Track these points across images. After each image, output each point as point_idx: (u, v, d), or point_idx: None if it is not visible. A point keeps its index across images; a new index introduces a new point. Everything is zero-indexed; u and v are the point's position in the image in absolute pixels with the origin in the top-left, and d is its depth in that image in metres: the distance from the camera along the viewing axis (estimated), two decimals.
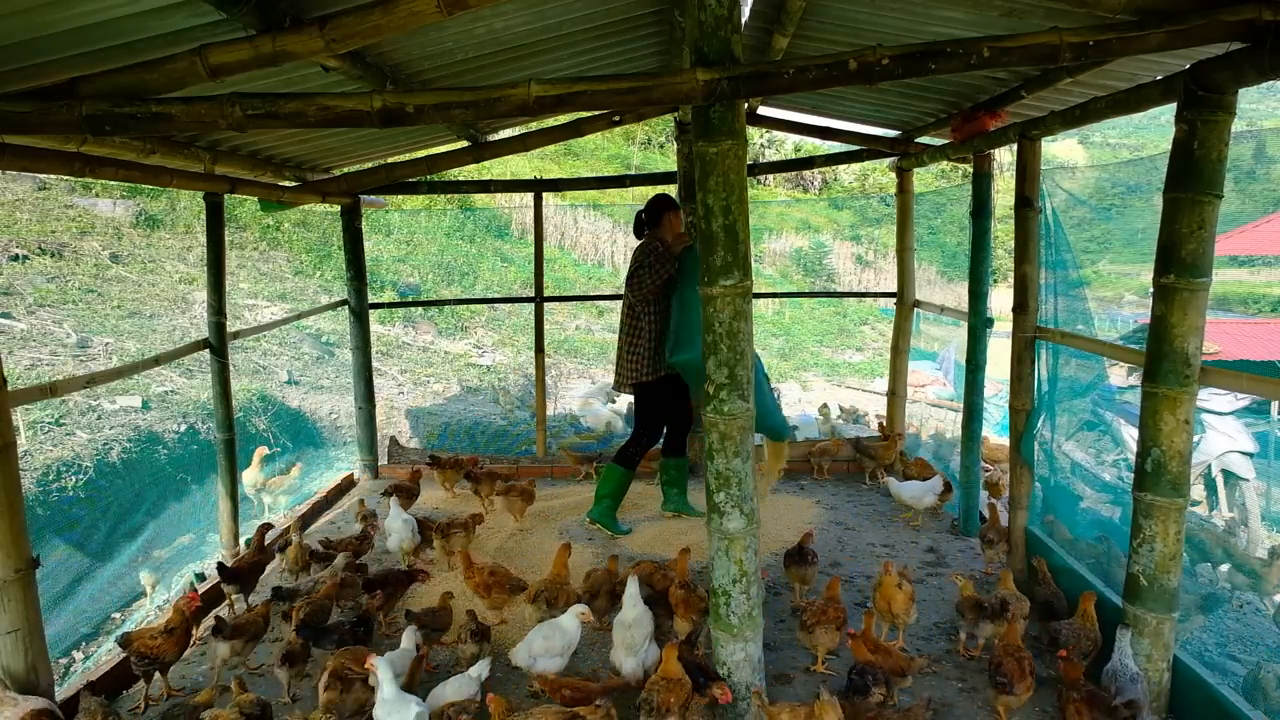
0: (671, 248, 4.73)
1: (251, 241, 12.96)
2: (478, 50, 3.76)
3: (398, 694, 2.72)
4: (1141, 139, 31.58)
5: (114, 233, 11.42)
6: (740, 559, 2.83)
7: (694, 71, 2.53)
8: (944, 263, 17.03)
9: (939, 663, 3.42)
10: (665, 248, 4.72)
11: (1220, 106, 2.72)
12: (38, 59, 2.42)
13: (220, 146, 4.11)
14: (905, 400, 6.44)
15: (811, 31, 3.96)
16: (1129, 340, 7.14)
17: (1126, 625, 3.01)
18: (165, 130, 2.93)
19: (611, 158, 21.11)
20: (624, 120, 5.44)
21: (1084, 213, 5.15)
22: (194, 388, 8.00)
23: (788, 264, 19.28)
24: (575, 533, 4.97)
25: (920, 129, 5.39)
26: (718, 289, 2.72)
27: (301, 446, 7.83)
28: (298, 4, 2.47)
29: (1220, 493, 6.39)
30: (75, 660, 4.79)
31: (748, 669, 2.90)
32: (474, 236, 15.88)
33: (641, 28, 4.21)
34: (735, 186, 2.68)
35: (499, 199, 15.98)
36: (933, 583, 4.22)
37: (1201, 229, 2.79)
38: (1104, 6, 2.55)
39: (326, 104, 2.55)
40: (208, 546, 5.56)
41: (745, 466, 2.80)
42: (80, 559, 5.40)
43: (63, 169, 3.09)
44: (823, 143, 6.30)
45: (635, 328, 4.78)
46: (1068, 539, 4.15)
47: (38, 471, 5.88)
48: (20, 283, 9.23)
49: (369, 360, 6.25)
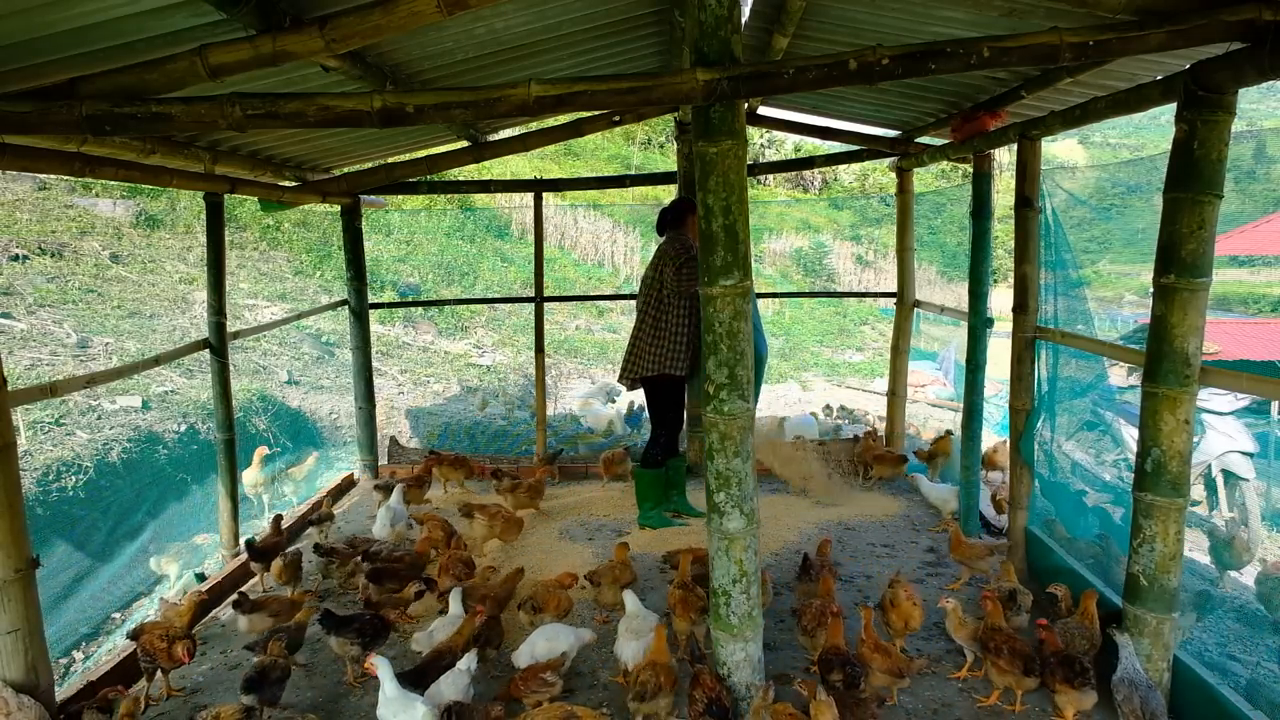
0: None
1: (251, 241, 12.96)
2: (478, 50, 3.76)
3: (400, 693, 2.73)
4: (1141, 139, 31.57)
5: (114, 233, 11.42)
6: (740, 559, 2.83)
7: (694, 71, 2.53)
8: (944, 263, 17.04)
9: (939, 662, 3.43)
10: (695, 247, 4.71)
11: (1220, 106, 2.72)
12: (38, 59, 2.42)
13: (220, 146, 4.11)
14: (905, 400, 6.44)
15: (811, 31, 3.96)
16: (1129, 340, 7.14)
17: (1123, 629, 2.99)
18: (165, 130, 2.93)
19: (611, 158, 21.11)
20: (624, 120, 5.44)
21: (1084, 213, 5.15)
22: (194, 388, 8.00)
23: (788, 264, 19.28)
24: (575, 533, 4.97)
25: (920, 129, 5.39)
26: (718, 289, 2.71)
27: (301, 446, 7.83)
28: (298, 4, 2.47)
29: (1220, 493, 6.38)
30: (75, 660, 4.79)
31: (748, 669, 2.90)
32: (474, 236, 15.89)
33: (641, 28, 4.21)
34: (735, 186, 2.67)
35: (499, 199, 15.98)
36: (933, 583, 4.22)
37: (1201, 229, 2.79)
38: (1104, 6, 2.55)
39: (326, 104, 2.55)
40: (208, 546, 5.56)
41: (745, 466, 2.81)
42: (80, 559, 5.40)
43: (63, 169, 3.09)
44: (823, 143, 6.30)
45: (662, 320, 4.74)
46: (1066, 538, 4.15)
47: (38, 471, 5.88)
48: (20, 283, 9.23)
49: (369, 360, 6.25)
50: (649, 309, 4.80)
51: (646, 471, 4.99)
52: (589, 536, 4.90)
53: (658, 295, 4.77)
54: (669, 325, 4.73)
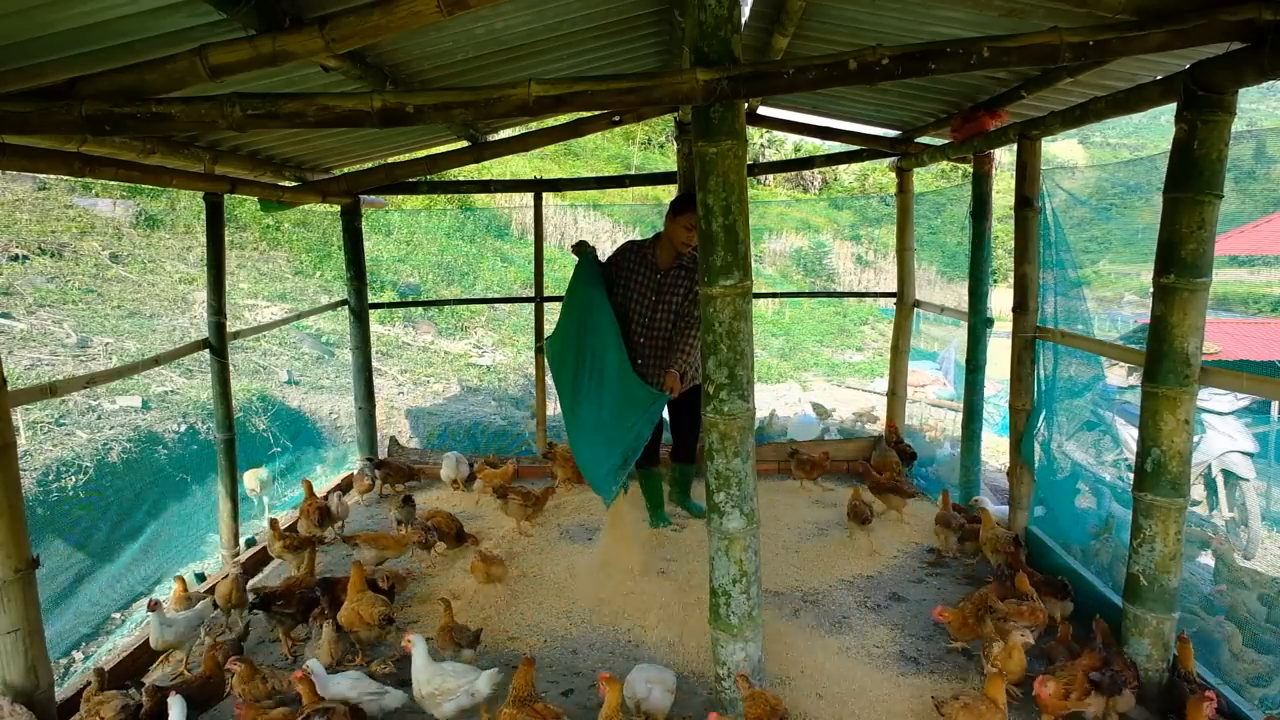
0: (658, 256, 4.39)
1: (251, 241, 12.95)
2: (478, 50, 3.76)
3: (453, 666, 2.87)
4: (1141, 139, 31.59)
5: (114, 233, 11.41)
6: (740, 559, 2.83)
7: (694, 71, 2.52)
8: (944, 263, 17.02)
9: (940, 662, 3.43)
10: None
11: (1220, 106, 2.72)
12: (38, 59, 2.42)
13: (220, 146, 4.11)
14: (905, 400, 6.44)
15: (811, 31, 3.96)
16: (1129, 340, 7.13)
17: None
18: (165, 130, 2.93)
19: (611, 158, 21.10)
20: (624, 120, 5.44)
21: (1084, 213, 5.15)
22: (194, 388, 8.00)
23: (788, 264, 19.27)
24: (575, 533, 4.97)
25: (920, 129, 5.39)
26: (718, 289, 2.71)
27: (301, 447, 7.83)
28: (298, 4, 2.47)
29: (1220, 493, 6.38)
30: (75, 660, 4.79)
31: (748, 669, 2.90)
32: (474, 236, 15.87)
33: (641, 28, 4.21)
34: (735, 186, 2.67)
35: (499, 199, 15.97)
36: (932, 582, 4.22)
37: (1201, 229, 2.79)
38: (1104, 6, 2.55)
39: (326, 104, 2.55)
40: (208, 546, 5.56)
41: (745, 466, 2.81)
42: (80, 559, 5.40)
43: (63, 169, 3.09)
44: (823, 143, 6.30)
45: (691, 332, 4.33)
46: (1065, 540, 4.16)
47: (38, 471, 5.87)
48: (20, 283, 9.23)
49: (369, 360, 6.25)
50: (680, 321, 4.36)
51: (661, 470, 4.92)
52: (589, 536, 4.90)
53: (686, 311, 4.32)
54: (695, 336, 4.36)
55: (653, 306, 4.35)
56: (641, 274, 4.37)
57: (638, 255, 4.41)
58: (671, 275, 4.34)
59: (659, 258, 4.38)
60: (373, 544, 4.15)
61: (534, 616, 3.88)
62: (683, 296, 4.30)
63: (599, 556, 4.35)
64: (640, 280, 4.37)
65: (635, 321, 4.37)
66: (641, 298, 4.36)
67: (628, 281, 4.39)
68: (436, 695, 2.85)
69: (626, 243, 4.54)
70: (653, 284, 4.35)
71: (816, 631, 3.69)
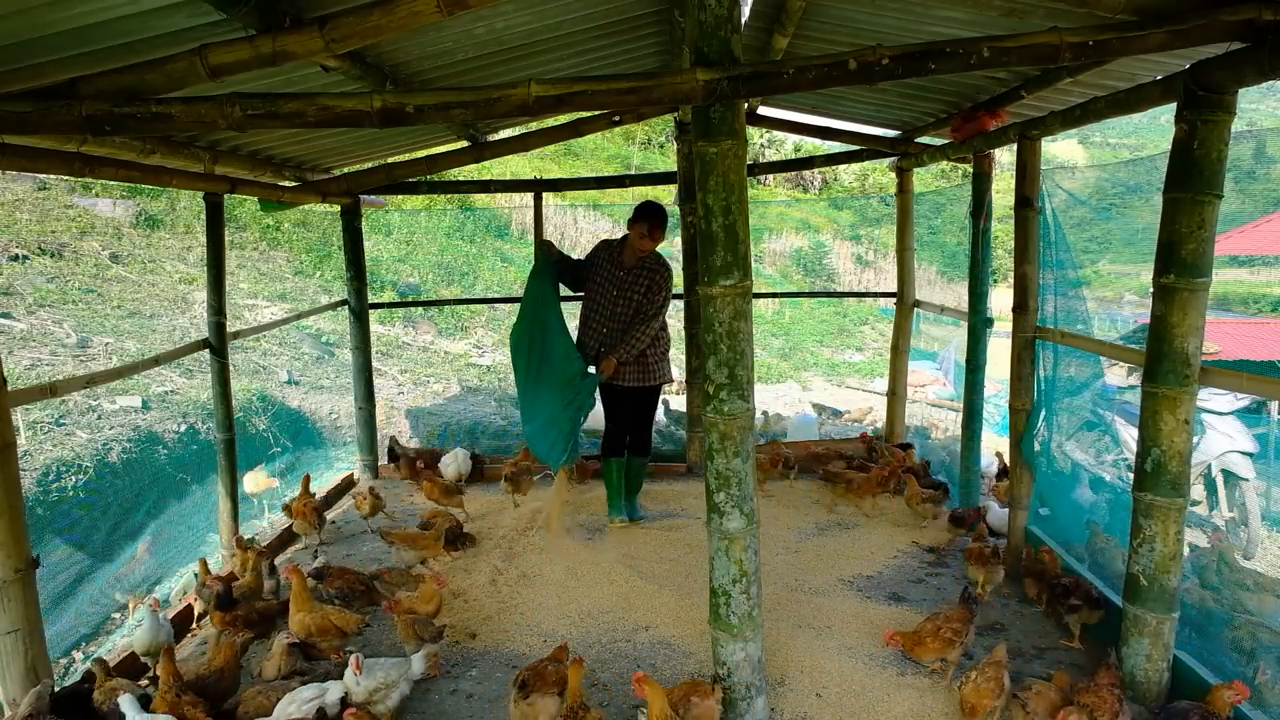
0: (624, 255, 4.73)
1: (251, 241, 12.95)
2: (478, 50, 3.76)
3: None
4: (1141, 139, 31.60)
5: (114, 233, 11.41)
6: (740, 559, 2.83)
7: (694, 71, 2.52)
8: (944, 263, 17.03)
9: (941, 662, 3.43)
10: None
11: (1220, 106, 2.72)
12: (38, 59, 2.42)
13: (220, 146, 4.11)
14: (905, 400, 6.44)
15: (811, 31, 3.97)
16: (1129, 340, 7.14)
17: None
18: (165, 130, 2.93)
19: (611, 158, 21.09)
20: (624, 120, 5.45)
21: (1084, 213, 5.15)
22: (194, 388, 8.00)
23: (788, 264, 19.27)
24: (575, 533, 4.97)
25: (920, 129, 5.39)
26: (718, 289, 2.71)
27: (301, 447, 7.83)
28: (298, 4, 2.47)
29: (1220, 493, 6.37)
30: (75, 660, 4.79)
31: (747, 669, 2.90)
32: (474, 236, 15.87)
33: (641, 28, 4.21)
34: (735, 186, 2.67)
35: (499, 199, 15.96)
36: (932, 582, 4.22)
37: (1201, 229, 2.79)
38: (1104, 6, 2.55)
39: (326, 104, 2.55)
40: (208, 546, 5.55)
41: (745, 466, 2.81)
42: (80, 559, 5.39)
43: (63, 169, 3.09)
44: (823, 143, 6.30)
45: (660, 334, 4.79)
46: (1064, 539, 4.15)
47: (38, 471, 5.87)
48: (20, 283, 9.23)
49: (369, 360, 6.25)
50: (645, 319, 4.70)
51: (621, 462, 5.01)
52: (588, 537, 4.90)
53: (657, 312, 4.73)
54: (662, 339, 4.83)
55: (614, 300, 4.75)
56: (608, 269, 4.77)
57: (607, 252, 4.84)
58: (633, 273, 4.72)
59: (624, 256, 4.76)
60: (409, 545, 4.25)
61: (534, 617, 3.88)
62: (641, 294, 4.69)
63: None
64: (606, 275, 4.77)
65: (600, 310, 4.80)
66: (606, 290, 4.77)
67: (597, 274, 4.80)
68: (374, 695, 2.91)
69: (601, 241, 4.99)
70: (616, 279, 4.74)
71: (816, 631, 3.70)
